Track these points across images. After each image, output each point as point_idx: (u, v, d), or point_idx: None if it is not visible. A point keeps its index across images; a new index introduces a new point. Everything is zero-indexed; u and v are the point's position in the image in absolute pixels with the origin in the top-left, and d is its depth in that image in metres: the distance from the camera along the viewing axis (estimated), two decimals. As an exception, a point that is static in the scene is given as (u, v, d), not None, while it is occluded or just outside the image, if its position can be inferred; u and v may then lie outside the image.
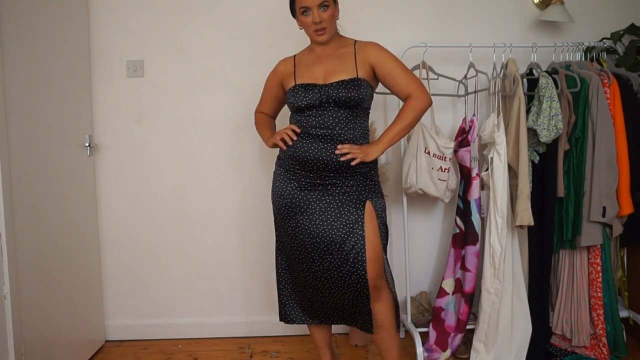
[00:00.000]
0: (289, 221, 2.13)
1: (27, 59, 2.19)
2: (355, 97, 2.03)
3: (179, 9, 2.82)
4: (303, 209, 2.09)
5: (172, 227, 2.89)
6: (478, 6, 2.87)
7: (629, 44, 2.64)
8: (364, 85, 2.06)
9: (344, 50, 2.14)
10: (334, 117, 2.05)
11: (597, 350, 2.49)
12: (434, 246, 2.96)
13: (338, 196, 2.07)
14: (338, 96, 2.03)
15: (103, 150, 2.85)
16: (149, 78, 2.83)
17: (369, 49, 2.12)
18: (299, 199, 2.10)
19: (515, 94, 2.41)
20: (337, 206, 2.06)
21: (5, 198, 2.01)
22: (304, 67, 2.16)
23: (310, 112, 2.07)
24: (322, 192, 2.08)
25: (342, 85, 2.04)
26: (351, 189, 2.07)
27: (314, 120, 2.07)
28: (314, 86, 2.08)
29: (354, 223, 2.05)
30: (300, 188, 2.11)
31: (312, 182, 2.09)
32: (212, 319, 2.93)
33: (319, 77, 2.10)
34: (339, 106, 2.05)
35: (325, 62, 2.12)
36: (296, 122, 2.13)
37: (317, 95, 2.06)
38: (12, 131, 2.06)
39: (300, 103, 2.07)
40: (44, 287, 2.27)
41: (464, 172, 2.59)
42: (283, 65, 2.24)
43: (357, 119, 2.09)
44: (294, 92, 2.10)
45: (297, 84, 2.11)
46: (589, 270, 2.51)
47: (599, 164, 2.39)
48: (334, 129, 2.05)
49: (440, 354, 2.56)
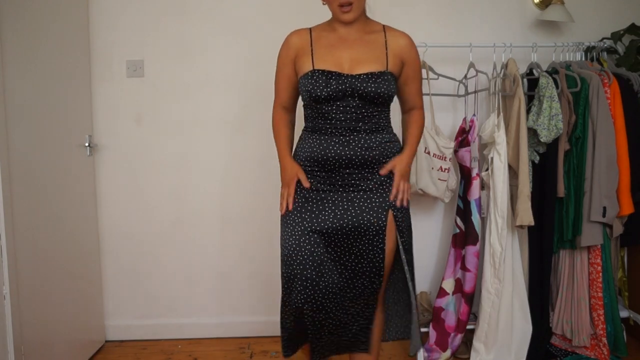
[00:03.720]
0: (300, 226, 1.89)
1: (27, 59, 2.19)
2: (385, 93, 1.80)
3: (179, 9, 2.81)
4: (321, 206, 1.87)
5: (172, 227, 2.89)
6: (478, 6, 2.86)
7: (629, 44, 2.64)
8: (393, 82, 1.84)
9: (372, 37, 1.88)
10: (357, 113, 1.81)
11: (598, 350, 2.49)
12: (434, 246, 2.96)
13: (358, 202, 1.86)
14: (366, 90, 1.78)
15: (103, 150, 2.85)
16: (149, 78, 2.83)
17: (403, 41, 1.89)
18: (315, 195, 1.89)
19: (516, 94, 2.41)
20: (357, 213, 1.85)
21: (5, 198, 2.01)
22: (324, 48, 1.86)
23: (330, 104, 1.81)
24: (342, 195, 1.87)
25: (372, 78, 1.79)
26: (375, 194, 1.87)
27: (334, 115, 1.82)
28: (338, 75, 1.80)
29: (374, 235, 1.86)
30: (317, 189, 1.88)
31: (332, 182, 1.87)
32: (212, 319, 2.93)
33: (343, 64, 1.82)
34: (364, 101, 1.80)
35: (351, 47, 1.84)
36: (312, 114, 1.87)
37: (341, 87, 1.79)
38: (12, 131, 2.06)
39: (320, 93, 1.79)
40: (44, 287, 2.27)
41: (464, 172, 2.59)
42: (297, 37, 1.90)
43: (382, 114, 1.87)
44: (313, 80, 1.80)
45: (316, 70, 1.81)
46: (589, 271, 2.51)
47: (599, 164, 2.39)
48: (357, 123, 1.82)
49: (440, 354, 2.56)
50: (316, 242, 1.86)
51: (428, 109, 2.61)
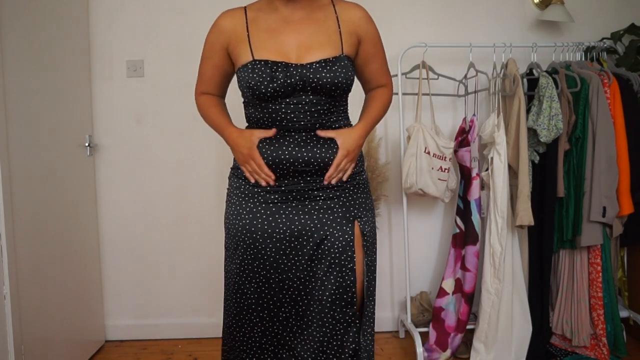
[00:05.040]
0: (245, 253, 1.58)
1: (27, 58, 2.19)
2: (343, 82, 1.50)
3: (179, 9, 2.81)
4: (273, 221, 1.55)
5: (172, 227, 2.89)
6: (478, 6, 2.86)
7: (629, 44, 2.64)
8: (351, 67, 1.54)
9: (321, 14, 1.56)
10: (312, 110, 1.51)
11: (597, 350, 2.49)
12: (434, 246, 2.96)
13: (317, 214, 1.55)
14: (320, 82, 1.48)
15: (103, 150, 2.84)
16: (149, 78, 2.83)
17: (355, 13, 1.58)
18: (262, 220, 1.55)
19: (515, 94, 2.41)
20: (318, 228, 1.54)
21: (5, 198, 2.01)
22: (263, 32, 1.53)
23: (278, 102, 1.50)
24: (297, 207, 1.55)
25: (326, 66, 1.49)
26: (336, 203, 1.56)
27: (284, 114, 1.51)
28: (285, 66, 1.48)
29: (340, 253, 1.54)
30: (265, 202, 1.56)
31: (284, 193, 1.55)
32: (212, 319, 2.92)
33: (289, 51, 1.51)
34: (319, 95, 1.50)
35: (297, 30, 1.53)
36: (256, 114, 1.56)
37: (290, 80, 1.47)
38: (12, 131, 2.06)
39: (265, 90, 1.47)
40: (44, 287, 2.27)
41: (464, 172, 2.59)
42: (229, 19, 1.57)
43: (340, 107, 1.58)
44: (254, 74, 1.48)
45: (257, 60, 1.49)
46: (589, 270, 2.51)
47: (599, 164, 2.39)
48: (313, 122, 1.52)
49: (440, 354, 2.56)
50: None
51: (428, 109, 2.62)
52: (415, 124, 2.49)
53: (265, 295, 1.59)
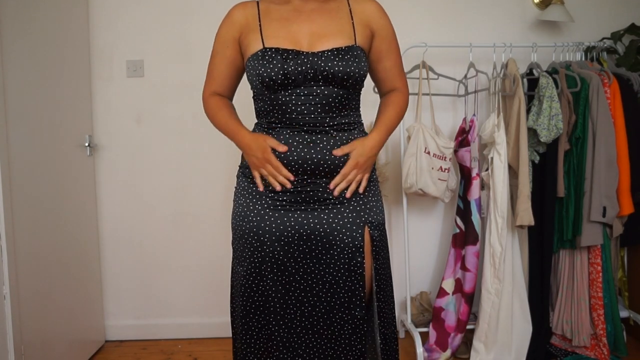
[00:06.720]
0: (253, 255, 1.56)
1: (27, 58, 2.19)
2: (356, 72, 1.47)
3: (179, 9, 2.81)
4: (276, 241, 1.52)
5: (172, 227, 2.89)
6: (478, 6, 2.86)
7: (629, 44, 2.64)
8: (364, 58, 1.51)
9: (333, 5, 1.55)
10: (323, 102, 1.47)
11: (598, 350, 2.49)
12: (434, 246, 2.96)
13: (327, 219, 1.51)
14: (332, 71, 1.45)
15: (103, 150, 2.85)
16: (149, 78, 2.83)
17: (370, 7, 1.56)
18: (270, 223, 1.52)
19: (516, 94, 2.41)
20: (327, 233, 1.51)
21: (5, 198, 2.01)
22: (275, 22, 1.52)
23: (289, 92, 1.47)
24: (306, 210, 1.52)
25: (338, 55, 1.46)
26: (347, 207, 1.53)
27: (294, 106, 1.47)
28: (296, 53, 1.46)
29: (350, 259, 1.51)
30: (274, 204, 1.52)
31: (293, 195, 1.51)
32: (212, 319, 2.92)
33: (301, 40, 1.49)
34: (330, 84, 1.47)
35: (310, 19, 1.52)
36: (265, 107, 1.52)
37: (301, 68, 1.44)
38: (12, 131, 2.06)
39: (275, 77, 1.44)
40: (44, 287, 2.27)
41: (464, 172, 2.59)
42: (242, 11, 1.56)
43: (352, 102, 1.53)
44: (264, 60, 1.45)
45: (267, 48, 1.47)
46: (589, 270, 2.51)
47: (599, 164, 2.39)
48: (324, 117, 1.48)
49: (440, 354, 2.56)
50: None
51: (428, 109, 2.62)
52: (415, 124, 2.49)
53: (272, 298, 1.55)
